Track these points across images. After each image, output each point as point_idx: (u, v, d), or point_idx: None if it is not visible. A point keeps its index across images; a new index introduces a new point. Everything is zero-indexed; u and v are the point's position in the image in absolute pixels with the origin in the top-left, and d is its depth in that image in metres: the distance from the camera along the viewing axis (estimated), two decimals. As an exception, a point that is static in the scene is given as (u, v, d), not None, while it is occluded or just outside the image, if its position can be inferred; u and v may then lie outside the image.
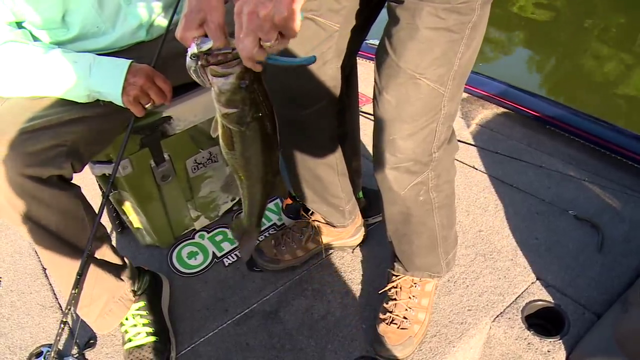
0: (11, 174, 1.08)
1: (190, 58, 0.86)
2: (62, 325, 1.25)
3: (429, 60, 1.00)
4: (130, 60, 1.20)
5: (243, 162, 1.00)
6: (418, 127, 1.08)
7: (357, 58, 1.47)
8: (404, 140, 1.10)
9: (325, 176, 1.48)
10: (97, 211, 1.28)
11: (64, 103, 1.20)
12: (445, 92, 1.05)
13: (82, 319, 1.39)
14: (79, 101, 1.21)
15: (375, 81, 1.11)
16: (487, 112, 2.37)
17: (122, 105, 1.20)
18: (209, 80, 0.85)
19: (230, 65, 0.83)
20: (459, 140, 1.35)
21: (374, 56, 1.15)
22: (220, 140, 0.96)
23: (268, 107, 0.94)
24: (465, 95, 2.43)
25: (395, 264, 1.44)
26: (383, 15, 1.32)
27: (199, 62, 0.85)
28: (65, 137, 1.17)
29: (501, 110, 2.36)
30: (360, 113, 2.13)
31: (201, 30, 0.82)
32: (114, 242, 1.41)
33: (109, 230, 1.40)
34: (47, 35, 1.25)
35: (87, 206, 1.28)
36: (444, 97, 1.06)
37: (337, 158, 1.46)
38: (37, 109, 1.18)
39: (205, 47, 0.83)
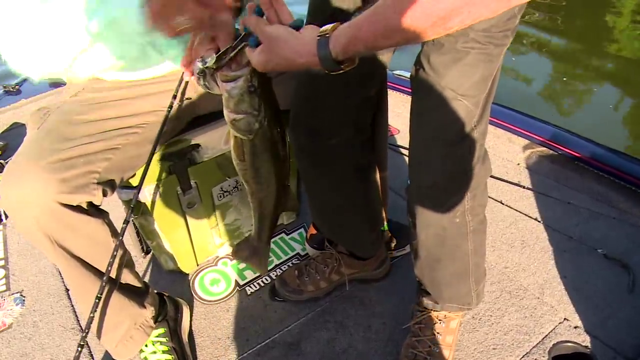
0: (44, 200, 1.09)
1: (198, 75, 0.91)
2: (79, 349, 1.24)
3: (471, 83, 1.06)
4: None
5: (253, 172, 1.02)
6: (455, 146, 1.12)
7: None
8: (441, 160, 1.14)
9: (348, 207, 1.47)
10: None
11: (99, 130, 1.22)
12: (478, 113, 1.10)
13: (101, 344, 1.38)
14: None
15: (413, 103, 1.15)
16: (515, 146, 2.35)
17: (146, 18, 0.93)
18: (218, 86, 0.91)
19: (239, 67, 0.87)
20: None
21: (400, 87, 1.16)
22: (232, 151, 0.98)
23: (276, 115, 0.96)
24: (491, 128, 2.42)
25: (423, 298, 1.41)
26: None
27: (208, 74, 0.90)
28: (98, 164, 1.19)
29: (529, 144, 2.34)
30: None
31: (213, 44, 0.92)
32: (137, 267, 1.42)
33: (133, 255, 1.40)
34: None
35: (115, 232, 1.28)
36: (477, 117, 1.10)
37: (361, 189, 1.45)
38: (74, 135, 1.19)
39: (210, 62, 0.88)
